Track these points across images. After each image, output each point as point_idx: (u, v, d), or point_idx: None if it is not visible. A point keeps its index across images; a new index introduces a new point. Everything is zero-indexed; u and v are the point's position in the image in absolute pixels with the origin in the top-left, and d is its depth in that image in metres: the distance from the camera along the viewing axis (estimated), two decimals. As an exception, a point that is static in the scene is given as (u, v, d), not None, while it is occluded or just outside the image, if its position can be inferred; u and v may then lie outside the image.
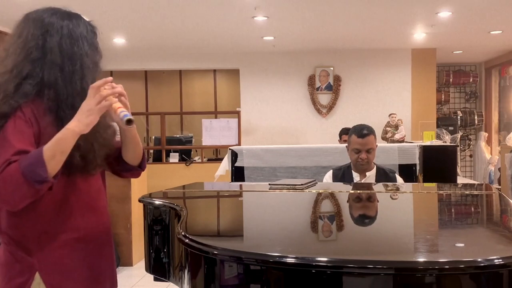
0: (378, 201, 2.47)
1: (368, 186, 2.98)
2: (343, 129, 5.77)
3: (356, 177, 3.24)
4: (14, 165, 1.40)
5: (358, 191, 2.73)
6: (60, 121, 1.52)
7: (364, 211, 2.36)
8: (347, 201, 2.47)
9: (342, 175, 3.29)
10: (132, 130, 1.68)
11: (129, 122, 1.52)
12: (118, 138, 1.74)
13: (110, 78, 1.56)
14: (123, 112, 1.54)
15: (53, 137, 1.48)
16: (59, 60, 1.56)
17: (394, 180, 3.25)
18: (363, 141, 3.15)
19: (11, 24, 1.64)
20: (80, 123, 1.48)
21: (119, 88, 1.57)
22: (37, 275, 1.55)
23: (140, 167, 1.82)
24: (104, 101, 1.51)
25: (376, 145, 3.25)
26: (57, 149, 1.45)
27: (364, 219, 2.12)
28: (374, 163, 3.28)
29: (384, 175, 3.23)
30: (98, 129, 1.57)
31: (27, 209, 1.49)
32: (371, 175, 3.23)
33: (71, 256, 1.59)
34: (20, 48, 1.55)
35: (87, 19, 1.70)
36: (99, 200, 1.71)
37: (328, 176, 3.37)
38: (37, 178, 1.41)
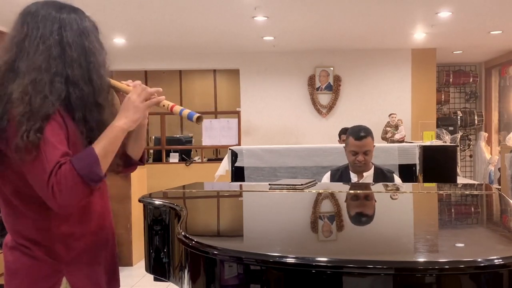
0: (378, 201, 2.47)
1: (368, 186, 2.98)
2: (342, 129, 5.78)
3: (353, 177, 3.24)
4: (66, 166, 1.38)
5: (358, 191, 2.73)
6: (85, 120, 1.50)
7: (364, 211, 2.36)
8: (347, 201, 2.47)
9: (340, 175, 3.29)
10: (145, 126, 1.69)
11: (199, 119, 1.54)
12: None
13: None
14: (186, 110, 1.56)
15: (77, 137, 1.47)
16: (76, 56, 1.51)
17: (392, 180, 3.24)
18: (360, 143, 3.14)
19: (11, 24, 1.59)
20: (128, 119, 1.50)
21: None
22: (64, 280, 1.53)
23: (141, 161, 1.82)
24: (151, 101, 1.54)
25: (374, 145, 3.25)
26: (109, 147, 1.47)
27: (364, 219, 2.12)
28: (372, 163, 3.27)
29: (382, 175, 3.23)
30: None
31: (56, 214, 1.47)
32: (368, 175, 3.23)
33: (93, 259, 1.59)
34: (41, 44, 1.48)
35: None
36: (107, 201, 1.72)
37: (326, 177, 3.37)
38: (95, 178, 1.41)
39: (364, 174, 3.23)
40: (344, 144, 3.38)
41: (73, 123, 1.50)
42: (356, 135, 3.16)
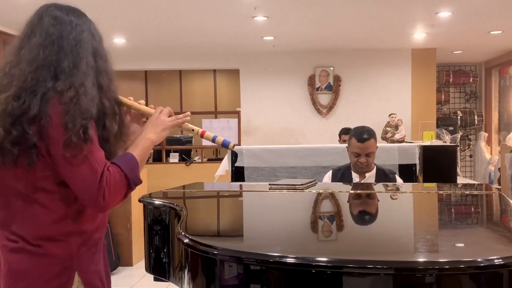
0: (378, 201, 2.47)
1: (368, 186, 2.98)
2: (343, 129, 5.78)
3: (355, 177, 3.24)
4: (114, 168, 1.46)
5: (358, 191, 2.73)
6: (104, 129, 1.53)
7: (364, 211, 2.36)
8: (347, 201, 2.47)
9: (341, 175, 3.29)
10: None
11: (234, 146, 1.73)
12: None
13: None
14: (219, 138, 1.70)
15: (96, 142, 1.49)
16: (104, 67, 1.57)
17: (394, 181, 3.24)
18: (363, 145, 3.12)
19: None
20: (158, 135, 1.65)
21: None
22: (76, 277, 1.52)
23: None
24: (179, 119, 1.70)
25: (377, 147, 3.24)
26: (143, 156, 1.58)
27: (364, 219, 2.12)
28: (374, 164, 3.27)
29: (383, 176, 3.23)
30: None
31: (76, 207, 1.50)
32: (370, 176, 3.22)
33: (98, 256, 1.61)
34: (80, 50, 1.50)
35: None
36: None
37: (328, 177, 3.37)
38: (138, 182, 1.51)
39: (366, 174, 3.22)
40: (344, 144, 3.38)
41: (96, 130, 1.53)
42: (359, 137, 3.13)
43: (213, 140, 1.71)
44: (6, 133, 1.40)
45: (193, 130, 1.74)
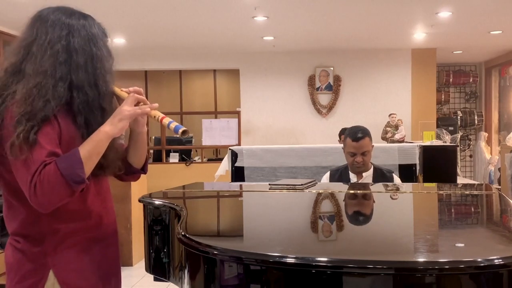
0: (378, 201, 2.47)
1: (368, 186, 2.98)
2: (342, 129, 5.79)
3: (353, 177, 3.24)
4: (50, 166, 1.42)
5: (358, 191, 2.73)
6: (88, 124, 1.54)
7: (364, 211, 2.36)
8: (347, 201, 2.47)
9: (339, 175, 3.29)
10: (145, 133, 1.74)
11: (184, 133, 1.59)
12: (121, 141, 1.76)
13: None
14: (173, 123, 1.60)
15: (74, 139, 1.52)
16: (82, 62, 1.56)
17: (392, 180, 3.24)
18: (358, 144, 3.13)
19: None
20: (114, 127, 1.54)
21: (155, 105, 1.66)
22: (50, 275, 1.55)
23: (143, 170, 1.85)
24: (138, 109, 1.59)
25: (373, 146, 3.24)
26: (93, 151, 1.50)
27: (364, 219, 2.12)
28: (371, 163, 3.27)
29: (381, 175, 3.23)
30: None
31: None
32: (368, 176, 3.22)
33: (83, 256, 1.61)
34: (49, 49, 1.53)
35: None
36: (107, 201, 1.74)
37: (326, 177, 3.37)
38: (77, 179, 1.44)
39: (364, 174, 3.22)
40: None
41: (75, 126, 1.55)
42: (354, 136, 3.15)
43: (168, 126, 1.64)
44: None
45: (154, 117, 1.65)
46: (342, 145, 3.43)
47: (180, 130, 1.59)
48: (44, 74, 1.50)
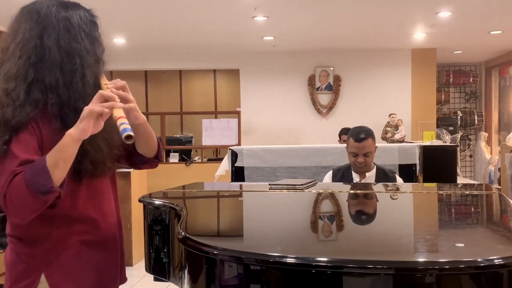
0: (378, 201, 2.47)
1: (368, 186, 2.98)
2: (343, 129, 5.77)
3: (355, 177, 3.24)
4: (18, 177, 1.34)
5: (358, 191, 2.73)
6: (65, 127, 1.43)
7: (364, 211, 2.36)
8: (347, 201, 2.47)
9: (341, 175, 3.29)
10: (143, 124, 1.61)
11: (128, 138, 1.39)
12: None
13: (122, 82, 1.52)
14: (123, 125, 1.41)
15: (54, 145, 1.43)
16: (58, 59, 1.46)
17: (394, 180, 3.24)
18: (360, 145, 3.13)
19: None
20: (76, 128, 1.40)
21: (123, 93, 1.50)
22: (42, 278, 1.52)
23: (157, 158, 1.76)
24: (97, 107, 1.41)
25: (376, 147, 3.24)
26: (59, 157, 1.38)
27: (364, 219, 2.12)
28: (374, 164, 3.27)
29: (384, 176, 3.23)
30: (105, 132, 1.49)
31: (41, 214, 1.46)
32: (370, 176, 3.22)
33: (77, 259, 1.56)
34: (19, 50, 1.45)
35: (87, 8, 1.59)
36: (104, 204, 1.65)
37: (328, 177, 3.37)
38: (42, 189, 1.34)
39: (366, 174, 3.22)
40: (344, 144, 3.39)
41: (52, 131, 1.46)
42: (356, 136, 3.15)
43: (119, 127, 1.44)
44: None
45: (115, 116, 1.46)
46: (342, 145, 3.43)
47: (125, 134, 1.40)
48: (15, 78, 1.42)
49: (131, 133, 1.39)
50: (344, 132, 5.61)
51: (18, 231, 1.53)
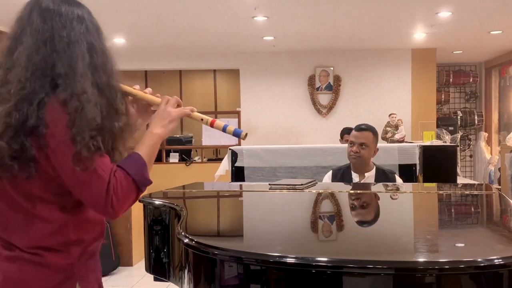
0: (378, 201, 2.47)
1: (368, 186, 2.98)
2: (344, 128, 5.77)
3: (355, 177, 3.24)
4: (120, 173, 1.38)
5: (358, 191, 2.73)
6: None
7: (364, 211, 2.36)
8: (347, 201, 2.47)
9: (341, 175, 3.29)
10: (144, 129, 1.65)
11: (246, 136, 1.58)
12: None
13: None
14: (230, 126, 1.58)
15: None
16: (100, 62, 1.48)
17: (394, 180, 3.24)
18: (358, 134, 3.20)
19: (21, 16, 1.50)
20: (165, 128, 1.54)
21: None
22: (77, 287, 1.49)
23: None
24: (185, 109, 1.61)
25: (377, 149, 3.25)
26: (151, 154, 1.49)
27: (364, 219, 2.12)
28: (374, 164, 3.28)
29: (383, 176, 3.23)
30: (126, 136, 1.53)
31: (75, 217, 1.44)
32: (370, 176, 3.23)
33: (97, 264, 1.57)
34: (73, 48, 1.41)
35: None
36: None
37: (328, 177, 3.37)
38: (147, 183, 1.43)
39: (366, 174, 3.23)
40: (345, 144, 3.40)
41: None
42: (357, 127, 3.26)
43: (224, 129, 1.59)
44: (8, 147, 1.33)
45: (202, 119, 1.62)
46: (342, 145, 3.44)
47: (243, 134, 1.58)
48: (81, 76, 1.39)
49: (242, 130, 1.60)
50: (346, 131, 5.61)
51: (50, 241, 1.42)
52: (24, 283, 1.42)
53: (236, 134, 1.59)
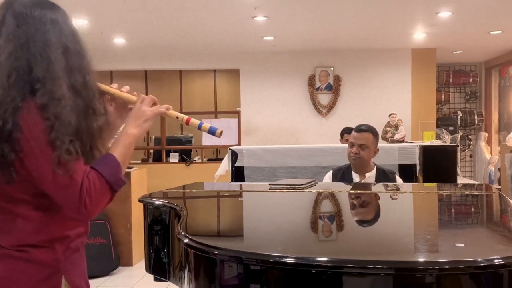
0: (378, 201, 2.47)
1: (368, 186, 2.98)
2: (344, 128, 5.77)
3: (355, 177, 3.24)
4: (93, 174, 1.38)
5: (358, 191, 2.73)
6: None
7: (364, 211, 2.36)
8: (347, 201, 2.47)
9: (342, 175, 3.29)
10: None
11: (220, 133, 1.57)
12: None
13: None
14: (205, 124, 1.58)
15: None
16: (76, 63, 1.47)
17: (394, 180, 3.24)
18: (357, 135, 3.19)
19: None
20: (140, 128, 1.53)
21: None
22: (63, 281, 1.49)
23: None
24: (160, 108, 1.60)
25: (378, 149, 3.25)
26: (127, 154, 1.50)
27: (364, 219, 2.12)
28: (374, 164, 3.27)
29: (384, 176, 3.23)
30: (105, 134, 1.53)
31: (57, 213, 1.45)
32: (371, 176, 3.22)
33: (82, 258, 1.59)
34: (50, 51, 1.42)
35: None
36: None
37: (328, 177, 3.37)
38: (121, 184, 1.44)
39: (366, 174, 3.23)
40: (345, 144, 3.40)
41: None
42: (357, 128, 3.26)
43: (199, 127, 1.59)
44: None
45: (177, 117, 1.62)
46: (342, 145, 3.44)
47: (218, 132, 1.57)
48: (58, 80, 1.40)
49: (221, 129, 1.59)
50: (346, 131, 5.61)
51: (35, 239, 1.45)
52: (11, 279, 1.44)
53: (211, 131, 1.59)
